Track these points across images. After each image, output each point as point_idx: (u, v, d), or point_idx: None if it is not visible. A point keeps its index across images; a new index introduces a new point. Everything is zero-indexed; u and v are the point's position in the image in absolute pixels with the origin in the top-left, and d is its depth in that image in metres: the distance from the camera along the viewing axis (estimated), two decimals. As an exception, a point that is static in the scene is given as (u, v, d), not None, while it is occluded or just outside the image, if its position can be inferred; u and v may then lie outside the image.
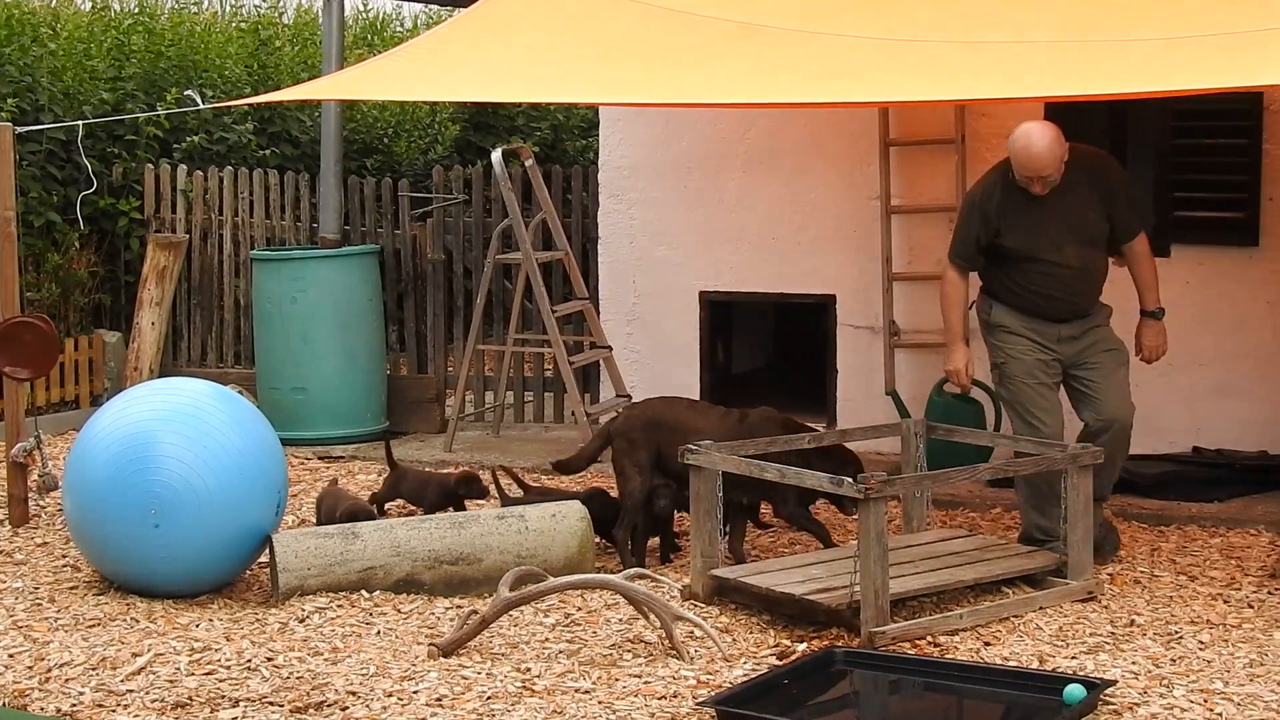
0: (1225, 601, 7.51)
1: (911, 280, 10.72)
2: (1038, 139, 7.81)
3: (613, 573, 7.50)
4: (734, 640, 6.97)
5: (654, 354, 11.57)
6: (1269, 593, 7.65)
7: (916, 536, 8.25)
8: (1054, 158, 7.79)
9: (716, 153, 11.30)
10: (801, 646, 6.87)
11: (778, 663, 6.65)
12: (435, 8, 17.42)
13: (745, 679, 6.40)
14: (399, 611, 7.47)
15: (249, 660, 6.66)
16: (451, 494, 8.97)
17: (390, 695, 6.25)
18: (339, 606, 7.49)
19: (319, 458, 11.12)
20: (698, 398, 11.31)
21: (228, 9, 17.54)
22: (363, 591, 7.68)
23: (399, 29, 20.05)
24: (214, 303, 13.15)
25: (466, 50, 8.92)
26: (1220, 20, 7.36)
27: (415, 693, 6.27)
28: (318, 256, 11.86)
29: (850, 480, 7.00)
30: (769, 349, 12.90)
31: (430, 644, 6.81)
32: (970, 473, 7.75)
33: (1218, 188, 10.06)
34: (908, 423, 8.58)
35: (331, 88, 10.29)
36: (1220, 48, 7.18)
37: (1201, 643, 6.90)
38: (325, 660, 6.68)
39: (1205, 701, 6.13)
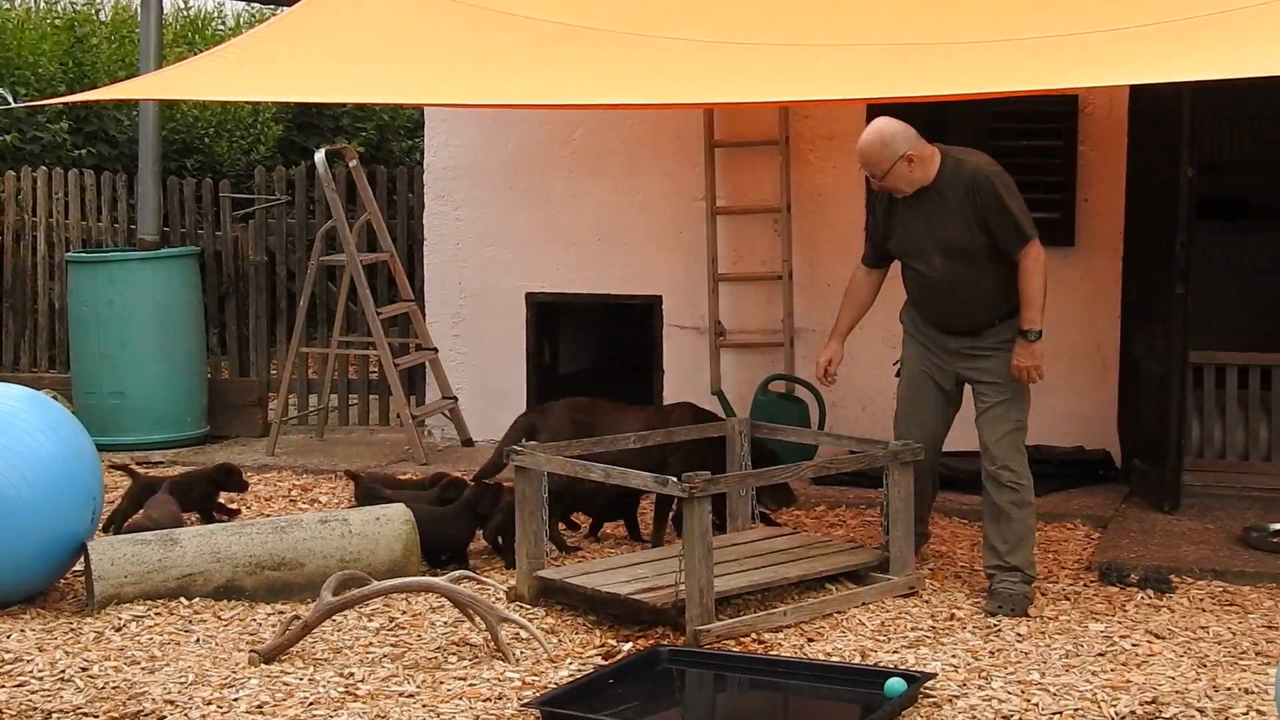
0: (1042, 594, 7.62)
1: (736, 281, 10.78)
2: (864, 135, 7.59)
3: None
4: (560, 641, 6.96)
5: (480, 355, 11.53)
6: (1085, 585, 7.78)
7: (741, 535, 8.30)
8: (872, 155, 7.50)
9: (543, 154, 11.28)
10: (627, 646, 6.87)
11: (603, 662, 6.65)
12: (258, 6, 17.27)
13: (571, 679, 6.39)
14: (219, 618, 7.36)
15: (62, 671, 6.52)
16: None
17: (210, 703, 6.16)
18: (157, 614, 7.36)
19: (137, 463, 10.93)
20: (524, 399, 11.32)
21: (41, 5, 17.26)
22: (182, 599, 7.55)
23: (220, 28, 19.82)
24: (27, 306, 12.93)
25: (290, 50, 8.82)
26: (1036, 24, 7.49)
27: (235, 700, 6.19)
28: (136, 259, 11.66)
29: (674, 480, 7.01)
30: (596, 350, 12.90)
31: (251, 651, 6.72)
32: (794, 471, 7.79)
33: (1035, 189, 10.11)
34: (733, 422, 8.63)
35: (150, 87, 10.12)
36: (1036, 51, 7.30)
37: (1019, 635, 7.01)
38: (143, 669, 6.57)
39: (1023, 692, 6.22)
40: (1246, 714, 5.98)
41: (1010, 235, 7.45)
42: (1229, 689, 6.25)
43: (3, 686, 6.35)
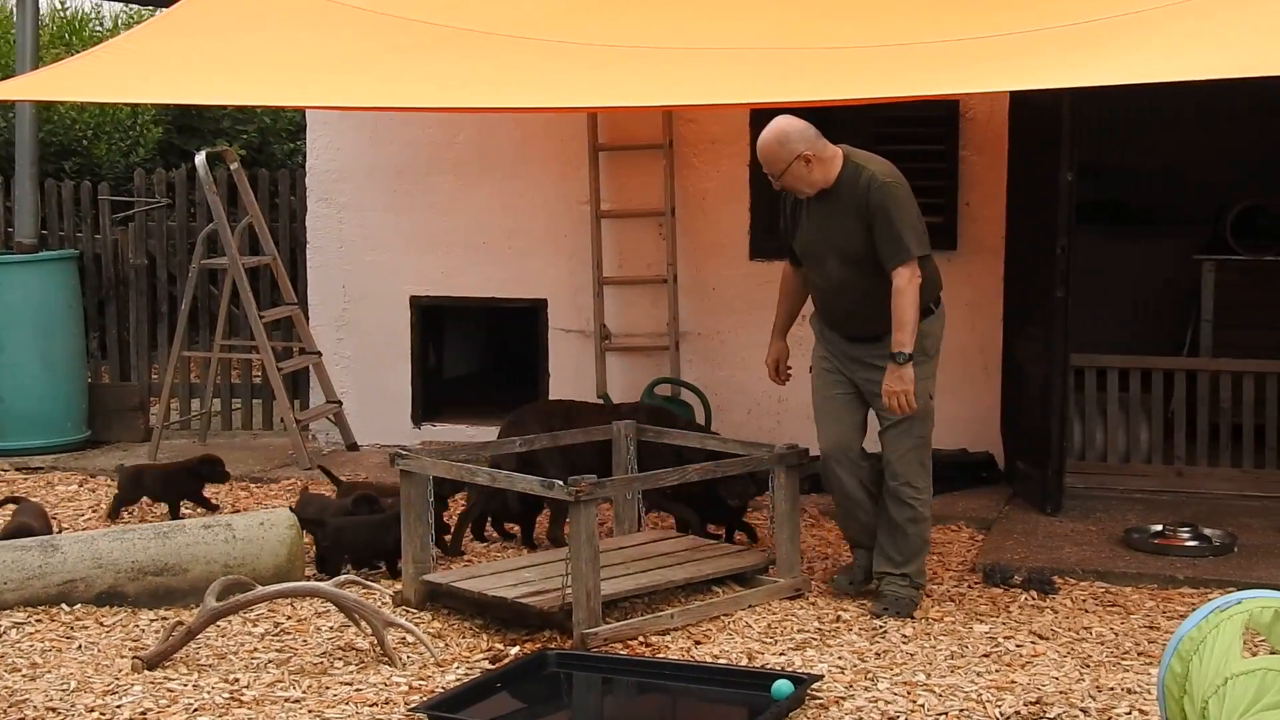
0: (928, 596, 7.67)
1: (622, 284, 10.79)
2: (764, 132, 7.42)
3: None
4: (446, 645, 6.94)
5: (364, 359, 11.47)
6: (969, 587, 7.84)
7: (628, 538, 8.30)
8: (769, 153, 7.34)
9: (426, 157, 11.25)
10: (514, 650, 6.86)
11: (490, 666, 6.63)
12: (135, 7, 17.08)
13: (458, 683, 6.38)
14: (101, 625, 7.29)
15: (-59, 679, 6.45)
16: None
17: (92, 710, 6.10)
18: (38, 621, 7.28)
19: (16, 469, 10.81)
20: (409, 403, 11.28)
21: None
22: (63, 605, 7.47)
23: (98, 28, 19.59)
24: (-99, 311, 12.71)
25: (169, 51, 8.75)
26: (919, 30, 7.55)
27: (119, 707, 6.13)
28: (13, 262, 11.49)
29: (560, 483, 7.01)
30: (482, 353, 12.88)
31: (134, 657, 6.66)
32: (680, 474, 7.78)
33: (918, 193, 10.21)
34: (619, 425, 8.63)
35: (26, 88, 9.98)
36: (918, 57, 7.36)
37: (905, 636, 7.05)
38: (23, 677, 6.49)
39: (909, 693, 6.26)
40: (1129, 714, 6.05)
41: (888, 248, 7.25)
42: (1112, 689, 6.32)
43: (-121, 696, 6.27)
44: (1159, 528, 8.66)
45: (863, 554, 7.69)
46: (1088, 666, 6.65)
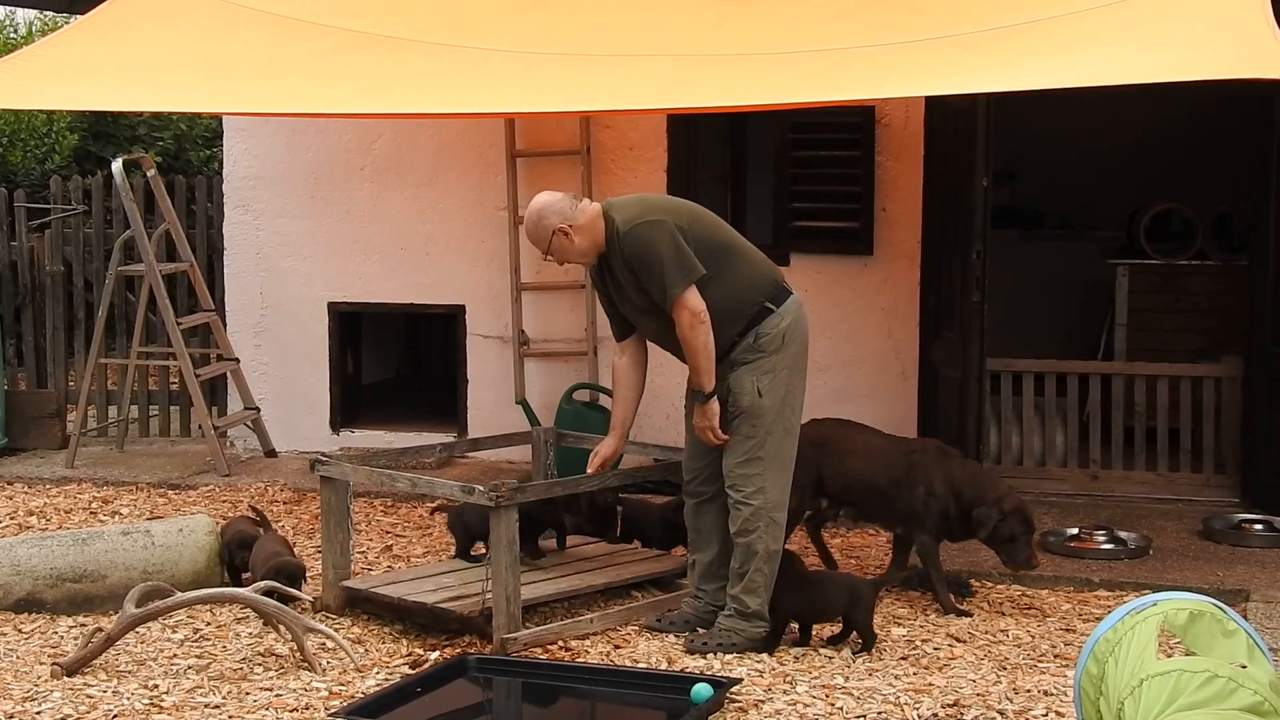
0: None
1: (540, 290, 10.80)
2: (525, 213, 7.20)
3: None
4: (366, 650, 6.93)
5: (282, 365, 11.44)
6: (887, 589, 7.88)
7: (547, 543, 8.30)
8: (532, 232, 7.08)
9: (344, 163, 11.23)
10: (434, 655, 6.86)
11: (410, 671, 6.63)
12: (50, 14, 16.95)
13: (378, 689, 6.37)
14: (20, 631, 7.25)
15: None
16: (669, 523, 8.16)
17: (11, 717, 6.06)
18: (-45, 629, 7.25)
19: (-73, 477, 10.75)
20: (328, 409, 11.25)
21: None
22: (-20, 612, 7.45)
23: (12, 35, 19.43)
24: None
25: (85, 57, 8.69)
26: (834, 36, 7.59)
27: (38, 713, 6.10)
28: (-71, 269, 11.44)
29: (481, 488, 7.01)
30: (400, 359, 12.87)
31: (53, 664, 6.62)
32: (599, 479, 7.80)
33: (834, 198, 10.32)
34: (538, 431, 8.65)
35: (-58, 95, 9.91)
36: (834, 63, 7.39)
37: (823, 640, 7.08)
38: (-59, 684, 6.46)
39: (827, 696, 6.30)
40: (1046, 715, 6.11)
41: (657, 292, 6.91)
42: (1029, 691, 6.38)
43: None
44: (1075, 531, 8.75)
45: (689, 601, 7.38)
46: (1004, 669, 6.71)
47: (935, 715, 6.10)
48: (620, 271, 7.03)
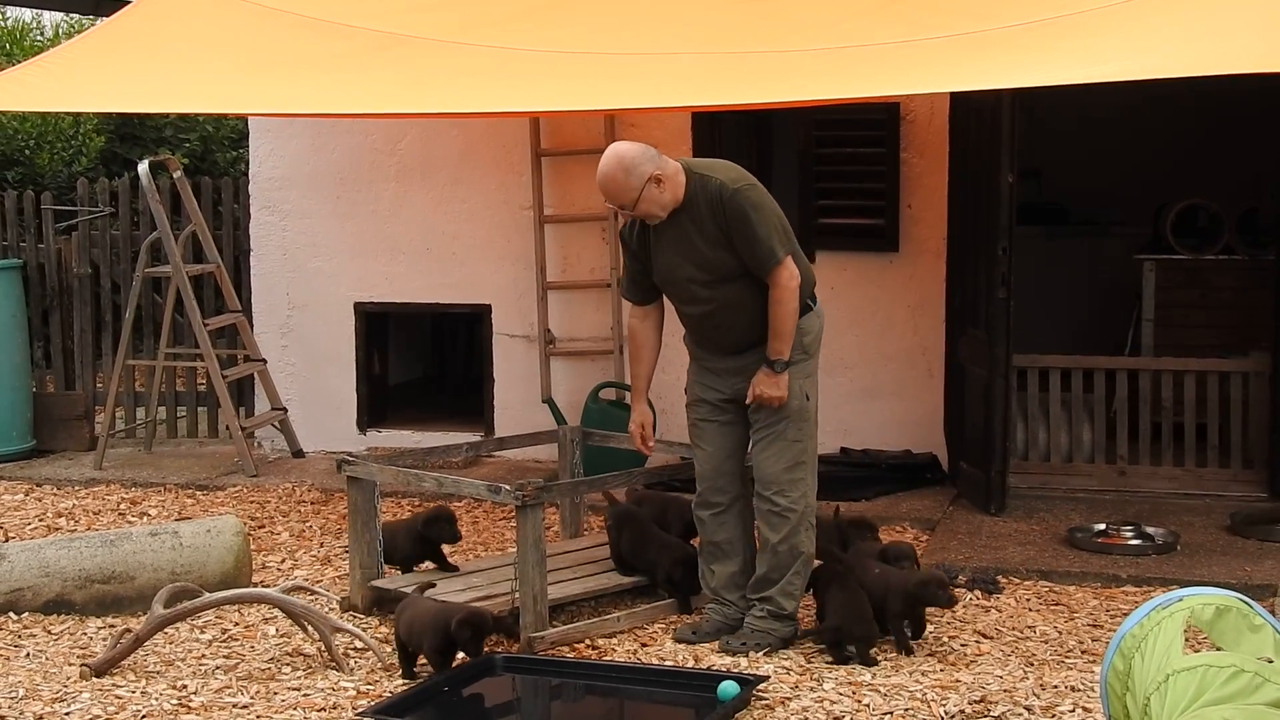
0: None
1: (565, 289, 10.81)
2: (601, 165, 6.95)
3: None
4: (394, 650, 6.94)
5: (309, 366, 11.46)
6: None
7: (575, 542, 8.32)
8: (615, 185, 6.89)
9: (369, 163, 11.24)
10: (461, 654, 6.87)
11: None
12: (77, 16, 16.99)
13: (405, 688, 6.39)
14: (49, 633, 7.28)
15: (-111, 688, 6.43)
16: None
17: (41, 718, 6.10)
18: (-15, 629, 7.28)
19: (-50, 479, 10.79)
20: (354, 409, 11.26)
21: None
22: (10, 613, 7.47)
23: (39, 38, 19.48)
24: None
25: (111, 60, 8.73)
26: (858, 33, 7.58)
27: (68, 714, 6.13)
28: (-43, 272, 11.47)
29: (507, 488, 7.02)
30: (427, 359, 12.88)
31: (82, 664, 6.65)
32: (626, 477, 7.81)
33: (859, 195, 10.31)
34: (564, 429, 8.65)
35: (-33, 99, 9.94)
36: (859, 60, 7.39)
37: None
38: (-29, 685, 6.49)
39: (854, 693, 6.30)
40: (1073, 711, 6.10)
41: (757, 256, 6.85)
42: (1056, 687, 6.37)
43: None
44: (1102, 527, 8.72)
45: (716, 608, 7.25)
46: (1032, 665, 6.70)
47: (962, 712, 6.10)
48: (702, 231, 6.91)
